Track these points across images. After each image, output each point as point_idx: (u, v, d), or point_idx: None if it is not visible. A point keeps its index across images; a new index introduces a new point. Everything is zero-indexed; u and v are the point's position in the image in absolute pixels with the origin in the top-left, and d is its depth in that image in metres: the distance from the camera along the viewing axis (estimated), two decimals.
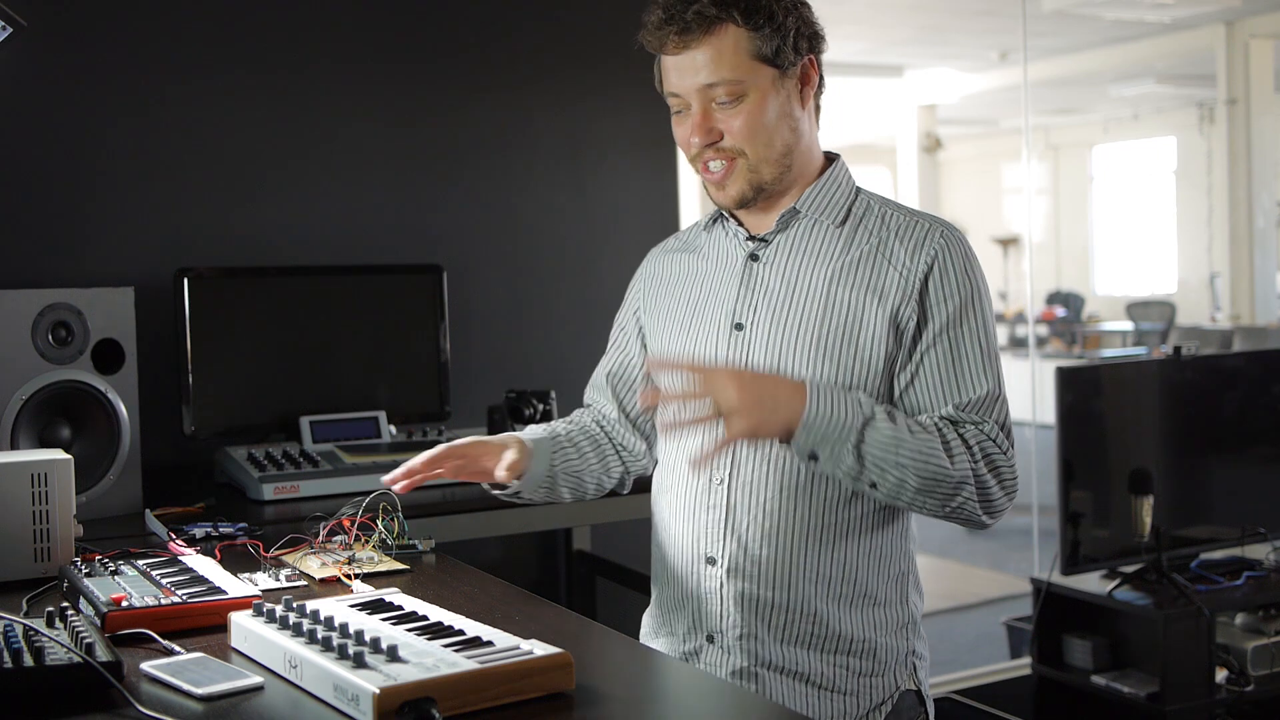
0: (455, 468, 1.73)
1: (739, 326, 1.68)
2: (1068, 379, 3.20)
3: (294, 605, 1.40)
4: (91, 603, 1.50)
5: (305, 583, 1.71)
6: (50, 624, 1.38)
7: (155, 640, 1.43)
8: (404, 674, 1.18)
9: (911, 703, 1.69)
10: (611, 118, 3.39)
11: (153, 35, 2.83)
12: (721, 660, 1.66)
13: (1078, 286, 15.08)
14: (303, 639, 1.30)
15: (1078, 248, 15.97)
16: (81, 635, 1.32)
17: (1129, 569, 3.22)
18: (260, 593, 1.58)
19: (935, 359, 1.61)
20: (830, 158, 1.77)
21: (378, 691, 1.14)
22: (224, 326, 2.68)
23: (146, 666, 1.32)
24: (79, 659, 1.26)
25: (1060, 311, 13.83)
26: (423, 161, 3.15)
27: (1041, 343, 13.29)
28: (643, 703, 1.33)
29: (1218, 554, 3.40)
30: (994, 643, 4.49)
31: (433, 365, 2.90)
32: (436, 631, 1.34)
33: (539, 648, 1.27)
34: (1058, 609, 3.29)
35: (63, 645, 1.28)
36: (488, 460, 1.73)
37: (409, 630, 1.34)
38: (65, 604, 1.47)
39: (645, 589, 3.04)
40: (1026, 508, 4.50)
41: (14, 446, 2.22)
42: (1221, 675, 3.11)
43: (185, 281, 2.63)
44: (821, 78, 1.71)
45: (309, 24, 3.01)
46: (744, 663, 1.65)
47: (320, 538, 1.87)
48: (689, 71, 1.64)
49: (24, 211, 2.70)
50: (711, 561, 1.67)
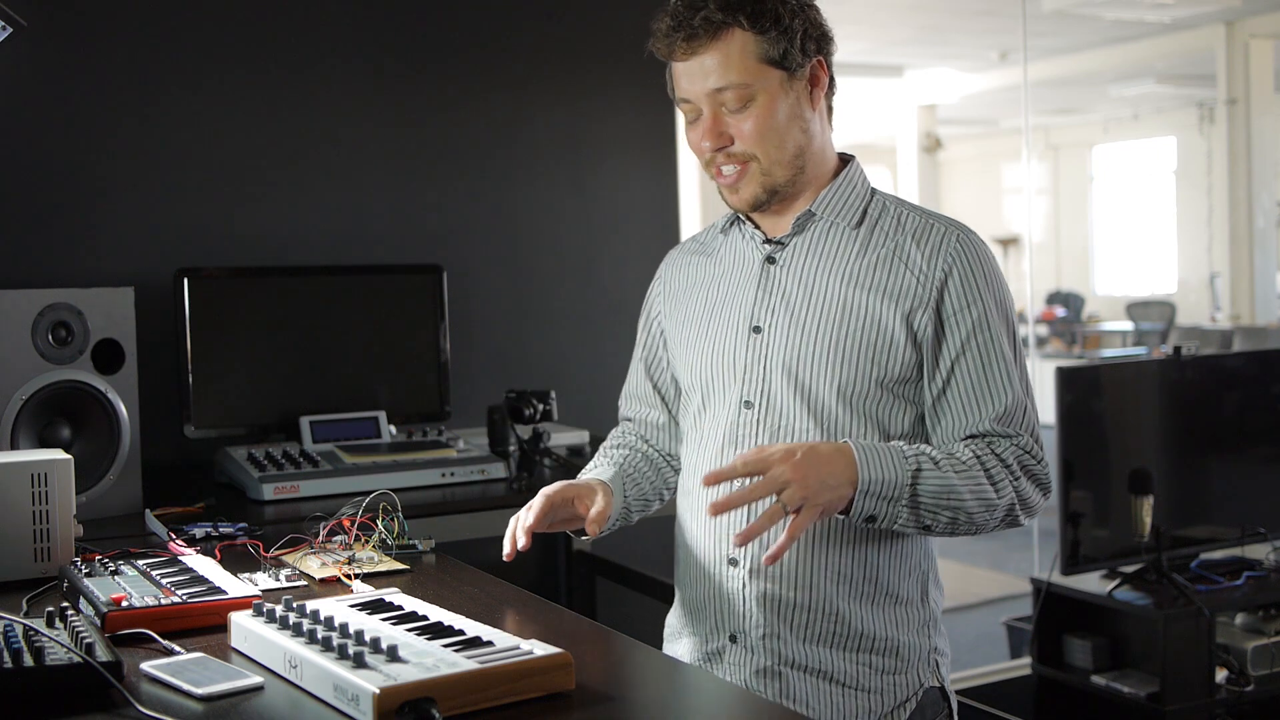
0: (548, 518, 1.66)
1: (757, 329, 1.69)
2: (1068, 379, 3.20)
3: (294, 605, 1.40)
4: (91, 603, 1.50)
5: (305, 583, 1.71)
6: (50, 624, 1.38)
7: (155, 640, 1.43)
8: (404, 674, 1.18)
9: (935, 699, 1.70)
10: (611, 118, 3.39)
11: (153, 35, 2.83)
12: (745, 660, 1.67)
13: (1078, 286, 15.08)
14: (303, 639, 1.30)
15: (1078, 248, 15.96)
16: (81, 635, 1.32)
17: (1129, 569, 3.22)
18: (260, 593, 1.58)
19: (965, 368, 1.63)
20: (844, 159, 1.78)
21: (378, 691, 1.14)
22: (224, 326, 2.68)
23: (146, 666, 1.32)
24: (79, 659, 1.26)
25: (1060, 311, 13.83)
26: (423, 161, 3.15)
27: (1041, 343, 13.28)
28: (643, 703, 1.33)
29: (1218, 554, 3.40)
30: (994, 643, 4.49)
31: (433, 365, 2.90)
32: (436, 631, 1.34)
33: (539, 648, 1.27)
34: (1058, 609, 3.29)
35: (63, 645, 1.28)
36: (580, 505, 1.68)
37: (409, 630, 1.34)
38: (65, 604, 1.47)
39: (645, 589, 3.06)
40: (1047, 501, 4.50)
41: (14, 446, 2.22)
42: (1221, 675, 3.11)
43: (185, 281, 2.63)
44: (832, 79, 1.73)
45: (309, 24, 3.01)
46: (767, 662, 1.65)
47: (320, 538, 1.87)
48: (698, 77, 1.65)
49: (24, 211, 2.70)
50: (733, 563, 1.67)
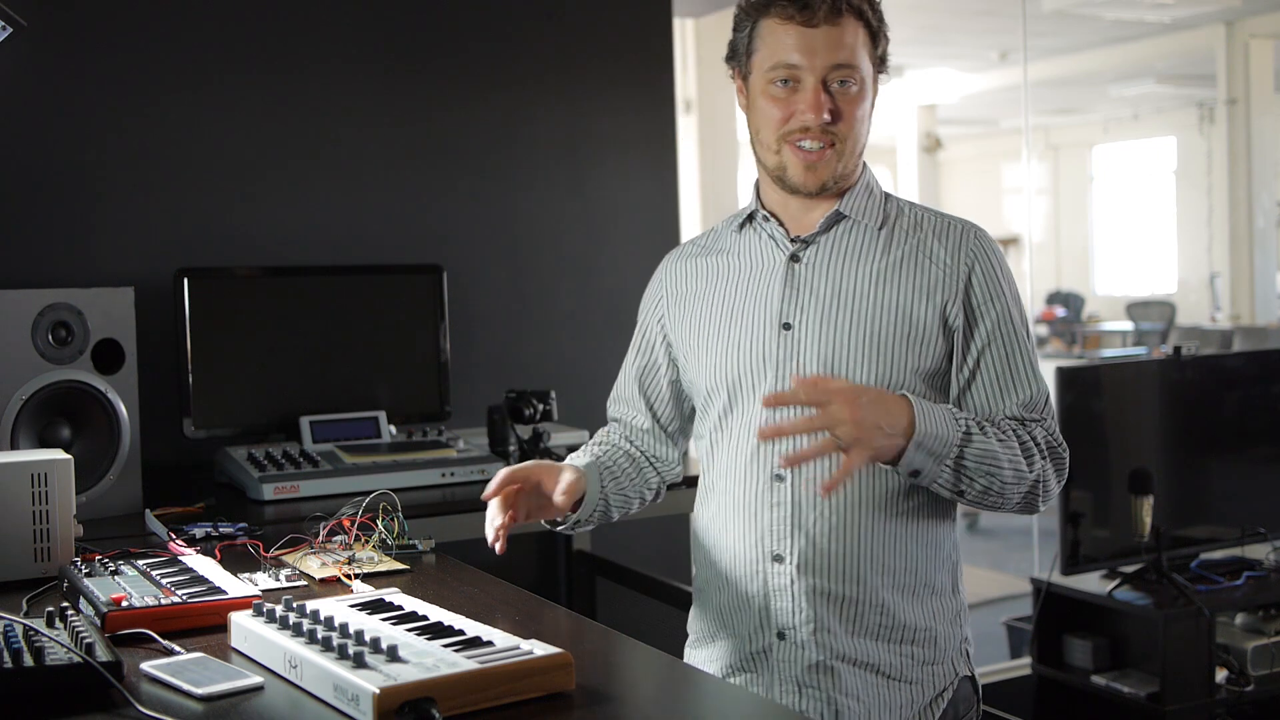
0: (523, 506, 1.69)
1: (787, 326, 1.69)
2: (1068, 379, 3.20)
3: (294, 605, 1.40)
4: (91, 603, 1.50)
5: (305, 583, 1.71)
6: (50, 624, 1.38)
7: (155, 640, 1.43)
8: (404, 674, 1.18)
9: (968, 691, 1.75)
10: (611, 118, 3.39)
11: (153, 35, 2.83)
12: (795, 656, 1.67)
13: (1078, 286, 15.07)
14: (303, 639, 1.30)
15: (1078, 248, 15.96)
16: (81, 635, 1.32)
17: (1129, 569, 3.22)
18: (260, 593, 1.58)
19: (990, 360, 1.68)
20: None
21: (378, 691, 1.14)
22: (224, 326, 2.68)
23: (146, 666, 1.32)
24: (79, 659, 1.26)
25: (1060, 311, 13.82)
26: (423, 161, 3.15)
27: (1041, 343, 13.28)
28: (643, 703, 1.33)
29: (1218, 554, 3.40)
30: (994, 643, 4.49)
31: (433, 365, 2.90)
32: (436, 631, 1.34)
33: (539, 648, 1.27)
34: (1058, 609, 3.29)
35: (63, 645, 1.28)
36: (547, 481, 1.68)
37: (409, 630, 1.34)
38: (65, 604, 1.47)
39: (645, 589, 3.06)
40: (1061, 489, 4.50)
41: (14, 446, 2.22)
42: (1221, 675, 3.11)
43: (185, 281, 2.63)
44: None
45: (309, 24, 3.01)
46: (819, 656, 1.66)
47: (320, 538, 1.88)
48: (824, 47, 1.64)
49: (24, 211, 2.70)
50: (779, 559, 1.67)
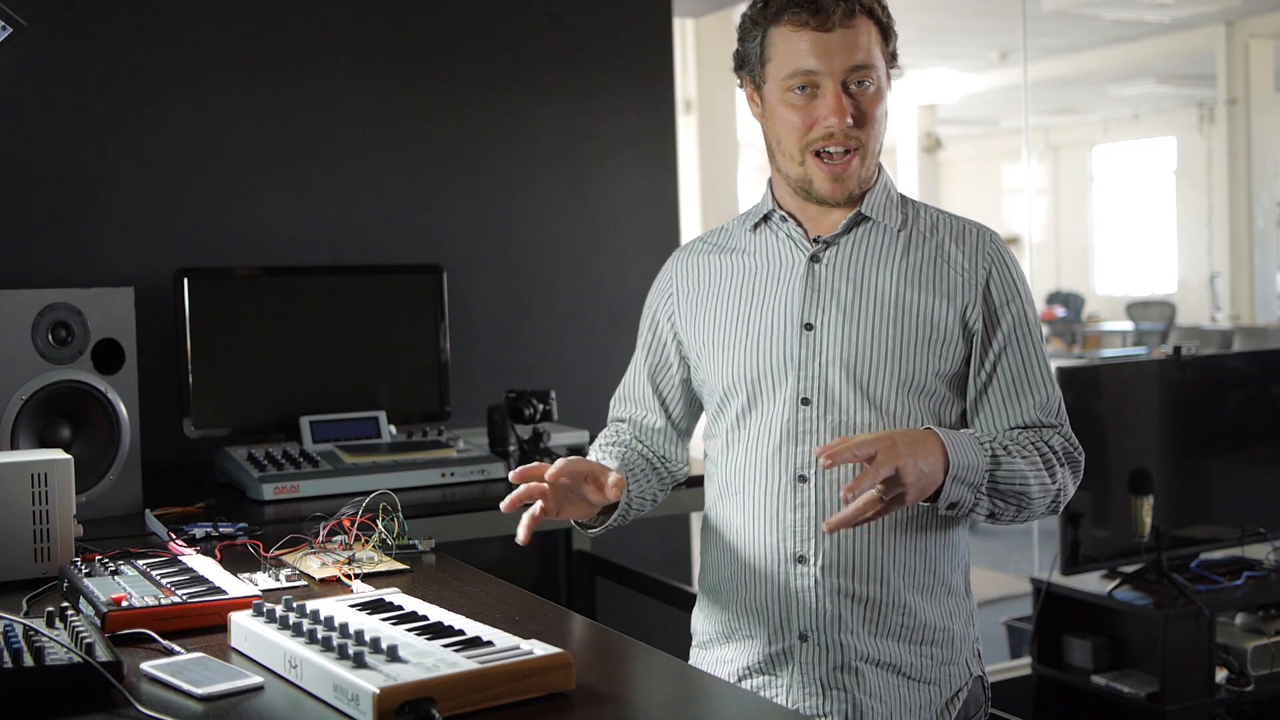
0: (558, 501, 1.59)
1: (809, 327, 1.69)
2: (1068, 379, 3.20)
3: (294, 605, 1.40)
4: (91, 603, 1.50)
5: (305, 583, 1.71)
6: (50, 624, 1.38)
7: (155, 640, 1.43)
8: (404, 674, 1.18)
9: (978, 691, 1.76)
10: (611, 118, 3.39)
11: (153, 35, 2.83)
12: (818, 657, 1.67)
13: (1078, 286, 15.07)
14: (303, 639, 1.30)
15: (1078, 248, 15.96)
16: (81, 635, 1.32)
17: (1129, 569, 3.22)
18: (260, 593, 1.58)
19: (1008, 363, 1.69)
20: None
21: (378, 691, 1.14)
22: (224, 326, 2.68)
23: (146, 666, 1.32)
24: (79, 659, 1.26)
25: (1060, 311, 13.82)
26: (423, 161, 3.15)
27: None
28: (643, 703, 1.33)
29: (1218, 554, 3.40)
30: (994, 643, 4.48)
31: (433, 365, 2.90)
32: (436, 631, 1.34)
33: (539, 648, 1.27)
34: (1058, 609, 3.29)
35: (63, 645, 1.28)
36: (600, 474, 1.61)
37: (409, 630, 1.34)
38: (65, 604, 1.47)
39: (645, 589, 3.06)
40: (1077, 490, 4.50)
41: (14, 446, 2.22)
42: (1221, 675, 3.10)
43: (185, 281, 2.64)
44: None
45: (309, 24, 3.01)
46: (843, 658, 1.66)
47: (320, 538, 1.88)
48: (840, 50, 1.64)
49: (24, 211, 2.70)
50: (802, 560, 1.67)
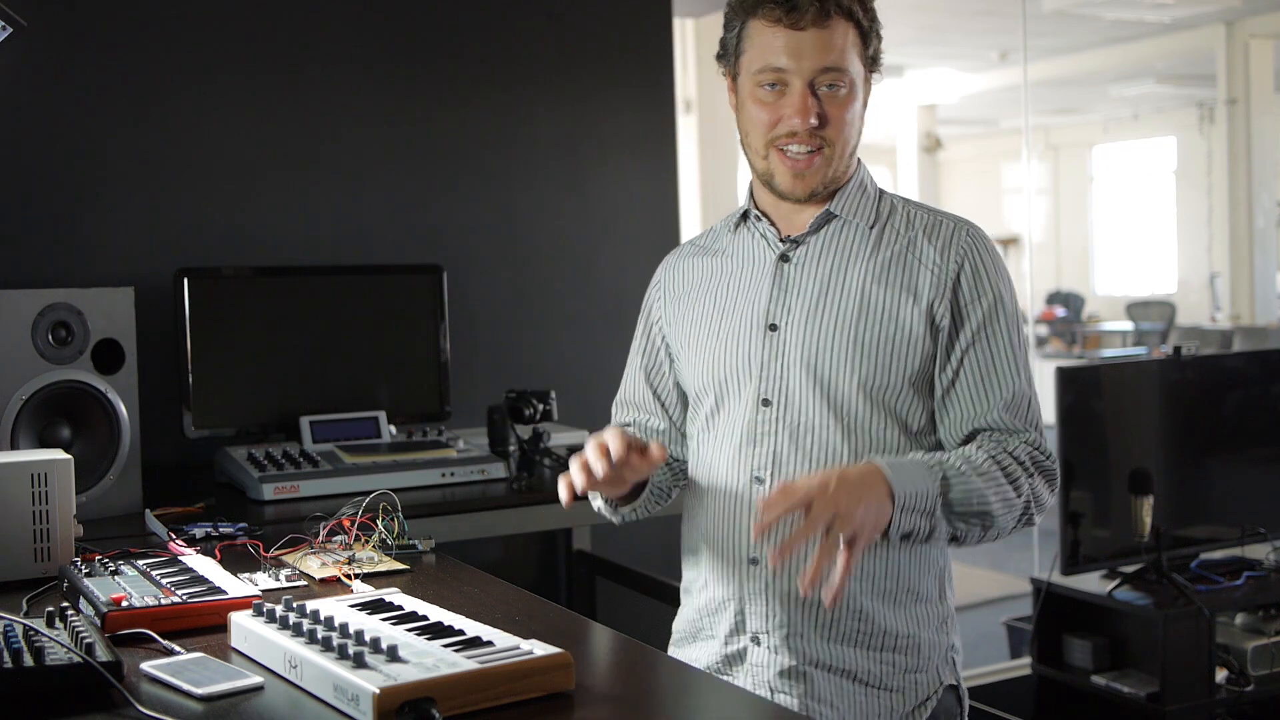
0: (610, 469, 1.56)
1: (773, 327, 1.68)
2: (1068, 379, 3.20)
3: (294, 605, 1.40)
4: (91, 603, 1.50)
5: (305, 583, 1.71)
6: (50, 624, 1.38)
7: (155, 640, 1.43)
8: (404, 674, 1.18)
9: (951, 701, 1.71)
10: (611, 118, 3.39)
11: (153, 35, 2.83)
12: (768, 660, 1.66)
13: (1078, 286, 15.08)
14: (303, 639, 1.30)
15: (1078, 248, 15.97)
16: (81, 635, 1.32)
17: (1129, 569, 3.22)
18: (260, 593, 1.58)
19: (974, 360, 1.65)
20: None
21: (378, 691, 1.14)
22: (224, 326, 2.68)
23: (146, 666, 1.32)
24: (79, 659, 1.26)
25: (1060, 311, 13.83)
26: (423, 161, 3.15)
27: (1041, 343, 13.29)
28: (643, 703, 1.33)
29: (1218, 554, 3.40)
30: (994, 643, 4.49)
31: (433, 365, 2.90)
32: (436, 631, 1.34)
33: (539, 648, 1.27)
34: (1058, 609, 3.29)
35: (63, 645, 1.28)
36: (638, 444, 1.59)
37: (409, 630, 1.34)
38: (65, 604, 1.47)
39: (645, 589, 3.06)
40: (1054, 497, 4.50)
41: (14, 446, 2.22)
42: (1221, 675, 3.10)
43: (185, 281, 2.64)
44: None
45: (309, 24, 3.01)
46: (791, 662, 1.64)
47: (320, 538, 1.88)
48: (811, 51, 1.62)
49: (24, 211, 2.70)
50: (755, 562, 1.66)
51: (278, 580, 1.70)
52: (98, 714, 1.22)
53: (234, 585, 1.59)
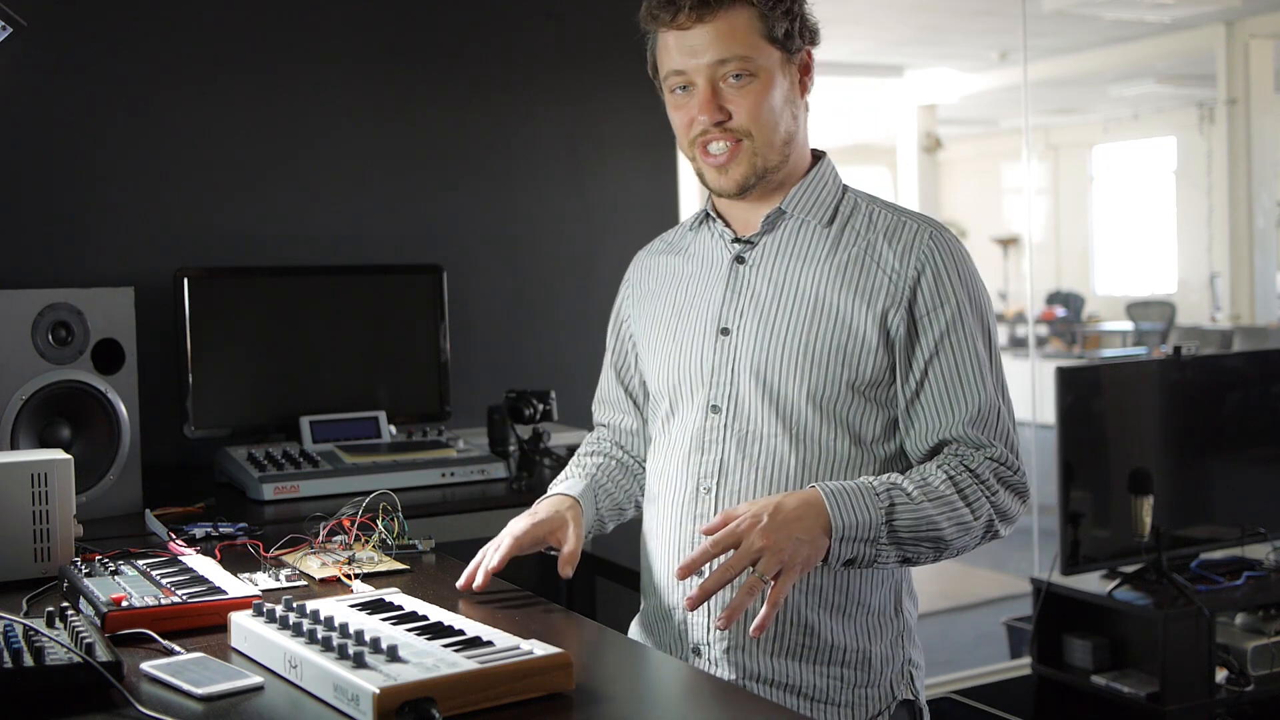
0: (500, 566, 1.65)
1: (725, 331, 1.66)
2: (1068, 379, 3.20)
3: (294, 605, 1.40)
4: (91, 603, 1.50)
5: (305, 583, 1.71)
6: (50, 624, 1.38)
7: (155, 640, 1.43)
8: (404, 674, 1.18)
9: (905, 716, 1.66)
10: (611, 118, 3.39)
11: (153, 35, 2.83)
12: (709, 673, 1.62)
13: (1078, 286, 15.08)
14: (303, 639, 1.30)
15: (1078, 248, 15.97)
16: (81, 635, 1.32)
17: (1129, 569, 3.22)
18: (260, 593, 1.58)
19: (938, 371, 1.58)
20: (816, 155, 1.73)
21: (378, 691, 1.14)
22: (224, 326, 2.68)
23: (146, 666, 1.32)
24: (79, 659, 1.26)
25: (1060, 311, 13.82)
26: (423, 161, 3.15)
27: (1041, 343, 13.28)
28: (643, 703, 1.33)
29: (1218, 554, 3.40)
30: (994, 643, 4.49)
31: (433, 365, 2.90)
32: (436, 631, 1.34)
33: (539, 648, 1.27)
34: (1058, 609, 3.29)
35: (63, 645, 1.28)
36: (551, 539, 1.67)
37: (409, 630, 1.34)
38: (65, 604, 1.47)
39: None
40: (1027, 508, 4.50)
41: (14, 446, 2.22)
42: (1221, 675, 3.11)
43: (185, 281, 2.64)
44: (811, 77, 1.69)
45: (309, 24, 3.01)
46: (731, 675, 1.61)
47: (320, 538, 1.87)
48: (701, 48, 1.60)
49: (24, 211, 2.70)
50: (699, 573, 1.59)
51: (278, 580, 1.70)
52: (98, 714, 1.22)
53: (234, 585, 1.59)
